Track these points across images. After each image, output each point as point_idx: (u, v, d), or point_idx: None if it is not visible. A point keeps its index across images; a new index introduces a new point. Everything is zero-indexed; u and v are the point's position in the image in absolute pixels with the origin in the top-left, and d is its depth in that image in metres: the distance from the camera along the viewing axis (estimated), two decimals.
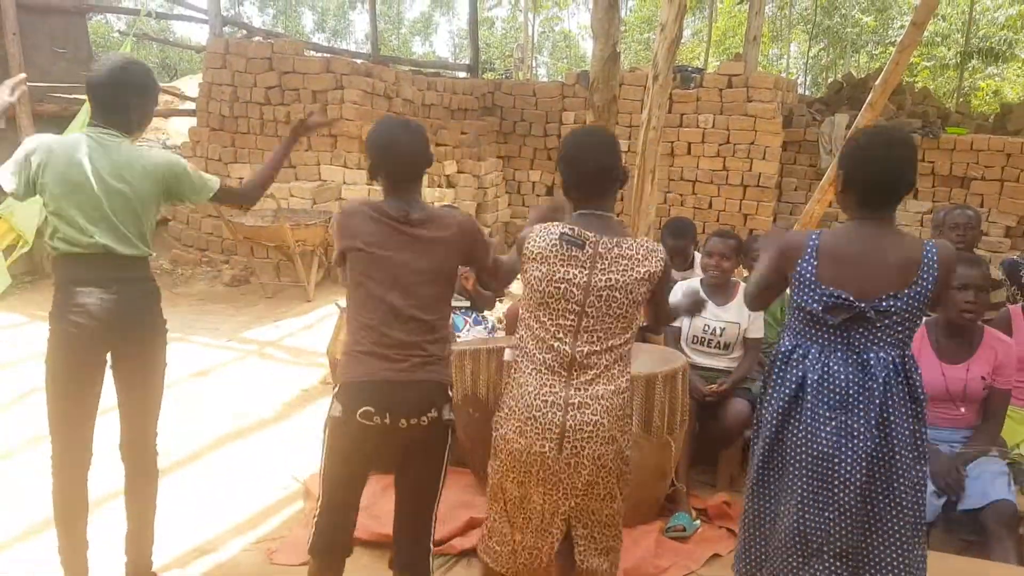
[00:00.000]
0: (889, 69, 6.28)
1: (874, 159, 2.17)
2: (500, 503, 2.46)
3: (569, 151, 2.41)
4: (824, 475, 2.19)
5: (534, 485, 2.35)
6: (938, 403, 3.23)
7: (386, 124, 2.59)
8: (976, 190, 10.13)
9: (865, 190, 2.21)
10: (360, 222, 2.43)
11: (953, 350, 3.22)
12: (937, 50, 21.85)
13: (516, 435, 2.33)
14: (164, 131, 14.21)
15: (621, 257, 2.30)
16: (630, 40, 29.20)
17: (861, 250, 2.18)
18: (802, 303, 2.19)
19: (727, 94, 10.63)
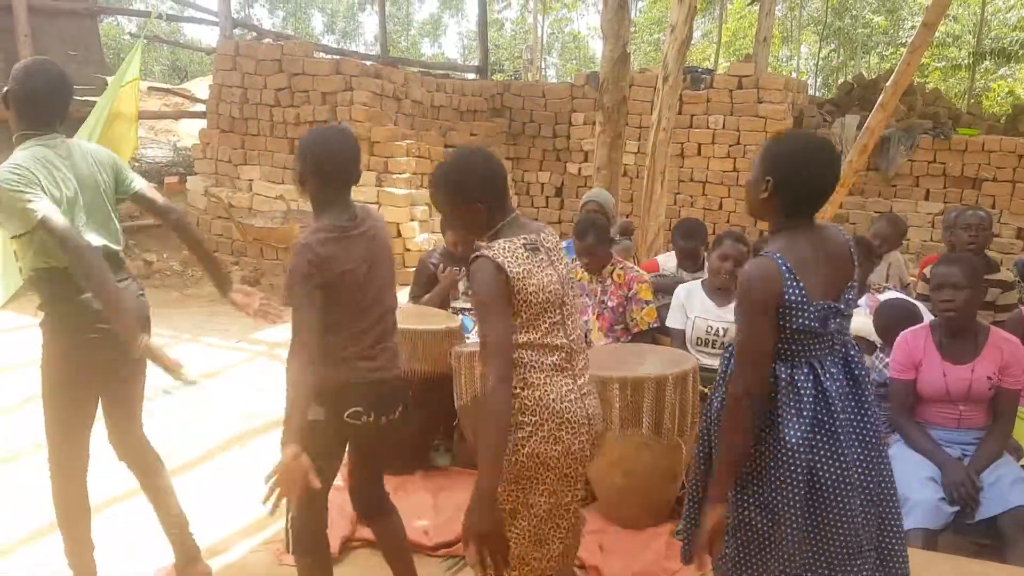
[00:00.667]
0: (900, 70, 6.26)
1: (807, 163, 2.12)
2: (517, 525, 2.32)
3: (478, 167, 2.35)
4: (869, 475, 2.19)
5: (566, 487, 2.32)
6: (937, 403, 3.22)
7: (332, 132, 2.62)
8: (988, 191, 10.08)
9: (801, 195, 2.15)
10: (333, 249, 2.46)
11: (957, 350, 3.19)
12: (948, 51, 21.75)
13: (550, 444, 2.25)
14: (175, 133, 14.26)
15: (558, 247, 2.41)
16: (640, 41, 29.17)
17: (815, 255, 2.14)
18: (800, 326, 2.11)
19: (737, 95, 10.61)
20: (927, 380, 3.20)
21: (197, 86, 15.69)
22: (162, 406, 5.11)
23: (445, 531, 3.47)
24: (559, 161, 11.80)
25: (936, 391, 3.18)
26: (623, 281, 4.24)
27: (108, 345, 2.73)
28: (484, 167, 2.34)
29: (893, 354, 3.32)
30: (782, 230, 2.17)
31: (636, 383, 3.42)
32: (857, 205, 10.77)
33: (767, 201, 2.15)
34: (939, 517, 2.98)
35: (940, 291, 3.15)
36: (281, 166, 9.61)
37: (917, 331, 3.32)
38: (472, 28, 34.94)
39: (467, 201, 2.30)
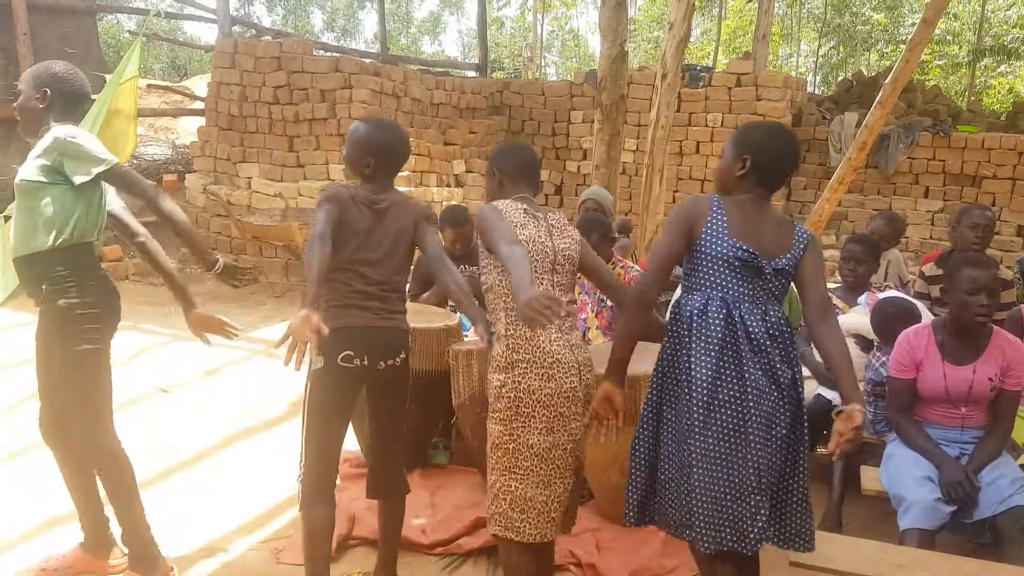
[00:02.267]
0: (900, 67, 6.26)
1: (780, 147, 2.52)
2: (521, 466, 2.52)
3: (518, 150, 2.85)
4: (767, 414, 2.38)
5: (562, 426, 2.54)
6: (938, 404, 3.20)
7: (393, 127, 2.98)
8: (987, 189, 10.07)
9: (770, 173, 2.51)
10: (349, 200, 2.76)
11: (959, 352, 3.17)
12: (949, 48, 21.72)
13: (544, 381, 2.50)
14: (174, 131, 14.26)
15: (564, 226, 2.74)
16: (639, 39, 29.14)
17: (758, 218, 2.49)
18: (717, 252, 2.42)
19: (736, 93, 10.60)
20: (927, 380, 3.17)
21: (196, 84, 15.68)
22: (160, 404, 5.11)
23: (442, 529, 3.47)
24: (558, 159, 11.79)
25: (936, 392, 3.16)
26: (623, 279, 4.23)
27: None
28: (519, 150, 2.82)
29: (894, 353, 3.29)
30: (741, 195, 2.52)
31: (633, 381, 3.41)
32: (856, 203, 10.76)
33: (742, 177, 2.50)
34: (936, 517, 2.97)
35: (978, 295, 3.05)
36: (280, 164, 9.60)
37: (919, 330, 3.29)
38: (472, 26, 34.97)
39: (489, 171, 2.79)
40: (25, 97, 2.89)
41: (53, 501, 3.56)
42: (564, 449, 2.55)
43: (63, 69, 2.94)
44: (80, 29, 10.01)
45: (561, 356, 2.53)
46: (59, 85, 2.88)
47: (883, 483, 3.25)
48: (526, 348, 2.51)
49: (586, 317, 4.27)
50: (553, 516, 2.57)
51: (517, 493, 2.52)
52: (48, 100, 2.86)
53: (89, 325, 2.86)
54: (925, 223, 10.37)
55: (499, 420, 2.54)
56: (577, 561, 3.27)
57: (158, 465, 4.19)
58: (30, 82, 2.88)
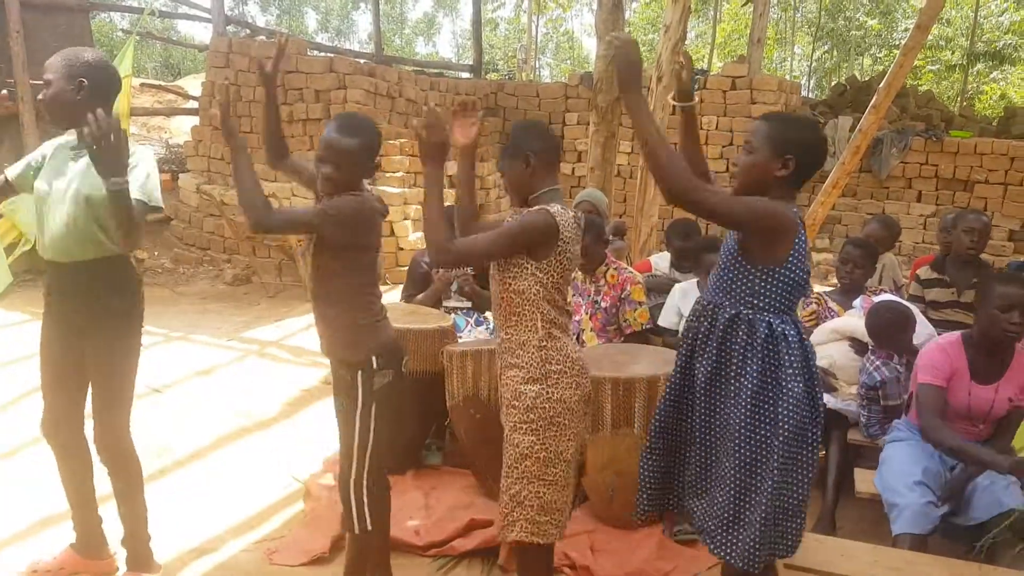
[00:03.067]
0: (893, 71, 6.27)
1: (820, 146, 2.40)
2: (551, 473, 2.52)
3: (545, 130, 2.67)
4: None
5: (583, 429, 2.62)
6: (958, 420, 3.17)
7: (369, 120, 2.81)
8: (980, 193, 10.12)
9: (808, 175, 2.36)
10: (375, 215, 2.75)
11: (985, 370, 3.13)
12: (942, 54, 21.82)
13: (573, 390, 2.52)
14: (167, 130, 14.22)
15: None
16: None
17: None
18: (799, 278, 2.32)
19: (731, 95, 10.63)
20: (952, 395, 3.14)
21: (190, 83, 15.65)
22: (153, 404, 5.09)
23: (436, 531, 3.45)
24: None
25: (959, 407, 3.14)
26: (616, 282, 4.23)
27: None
28: (548, 129, 2.67)
29: (930, 358, 3.19)
30: (784, 199, 2.32)
31: (628, 383, 3.41)
32: (849, 207, 10.80)
33: (781, 178, 2.31)
34: (927, 521, 2.97)
35: (1010, 312, 2.99)
36: None
37: (952, 342, 3.21)
38: (466, 27, 34.97)
39: (514, 153, 2.54)
40: (58, 89, 2.73)
41: (45, 501, 3.54)
42: (578, 451, 2.61)
43: (95, 57, 2.81)
44: (73, 27, 9.96)
45: (581, 363, 2.57)
46: (95, 74, 2.76)
47: (877, 487, 3.26)
48: (558, 359, 2.50)
49: (580, 319, 4.27)
50: (567, 513, 2.62)
51: (546, 499, 2.52)
52: (84, 90, 2.73)
53: (139, 325, 2.95)
54: (918, 227, 10.41)
55: (531, 431, 2.49)
56: (572, 563, 3.26)
57: (151, 465, 4.16)
58: (62, 71, 2.73)
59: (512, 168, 2.55)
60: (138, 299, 2.93)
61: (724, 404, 2.37)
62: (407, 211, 8.88)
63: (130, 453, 2.99)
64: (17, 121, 8.43)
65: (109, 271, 2.84)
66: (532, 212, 2.47)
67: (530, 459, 2.49)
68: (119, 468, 2.99)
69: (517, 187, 2.56)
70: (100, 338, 2.86)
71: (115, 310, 2.86)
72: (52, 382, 2.95)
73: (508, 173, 2.58)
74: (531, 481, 2.50)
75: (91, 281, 2.82)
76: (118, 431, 2.94)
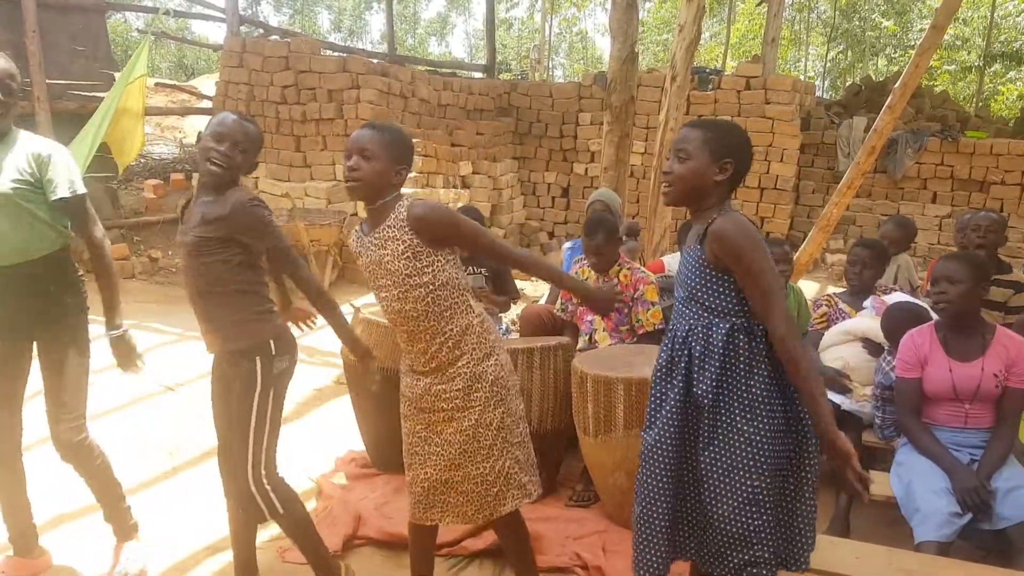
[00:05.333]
0: (909, 71, 6.23)
1: (751, 150, 2.39)
2: (516, 432, 2.61)
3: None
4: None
5: (516, 399, 2.68)
6: (943, 403, 3.19)
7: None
8: (996, 195, 10.05)
9: (743, 177, 2.36)
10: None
11: (963, 348, 3.18)
12: (958, 54, 21.68)
13: (503, 350, 2.63)
14: (181, 130, 14.29)
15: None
16: (648, 41, 29.14)
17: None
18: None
19: (745, 96, 10.58)
20: (933, 378, 3.18)
21: (203, 83, 15.71)
22: (166, 403, 5.11)
23: (446, 531, 3.44)
24: (566, 161, 11.79)
25: (943, 389, 3.16)
26: (629, 282, 4.22)
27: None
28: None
29: (899, 353, 3.31)
30: (722, 205, 2.31)
31: (641, 384, 3.40)
32: (864, 208, 10.74)
33: (720, 183, 2.29)
34: (951, 528, 2.95)
35: (936, 284, 3.18)
36: (287, 164, 9.61)
37: (922, 329, 3.32)
38: (479, 27, 34.98)
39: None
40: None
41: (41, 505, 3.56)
42: (521, 417, 2.67)
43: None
44: (89, 27, 10.02)
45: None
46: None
47: (892, 489, 3.23)
48: (491, 329, 2.60)
49: (592, 320, 4.25)
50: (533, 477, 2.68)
51: (522, 459, 2.62)
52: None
53: (87, 320, 2.99)
54: (933, 228, 10.34)
55: (499, 402, 2.55)
56: (583, 564, 3.26)
57: (164, 463, 4.19)
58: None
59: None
60: (85, 294, 2.98)
61: (732, 416, 2.27)
62: None
63: (93, 445, 3.01)
64: (33, 120, 8.48)
65: (55, 268, 2.87)
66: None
67: (504, 429, 2.56)
68: (86, 461, 2.99)
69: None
70: (59, 336, 2.87)
71: (68, 306, 2.89)
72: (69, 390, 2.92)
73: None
74: (508, 449, 2.57)
75: (39, 281, 2.83)
76: (81, 427, 2.95)
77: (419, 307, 2.47)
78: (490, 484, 2.57)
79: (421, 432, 2.61)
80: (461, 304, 2.52)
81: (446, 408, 2.54)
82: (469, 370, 2.53)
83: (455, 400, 2.53)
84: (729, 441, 2.25)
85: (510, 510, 2.62)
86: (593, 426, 3.52)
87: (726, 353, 2.26)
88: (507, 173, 10.99)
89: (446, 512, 2.65)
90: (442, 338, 2.50)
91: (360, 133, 2.48)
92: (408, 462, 2.68)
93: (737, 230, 2.19)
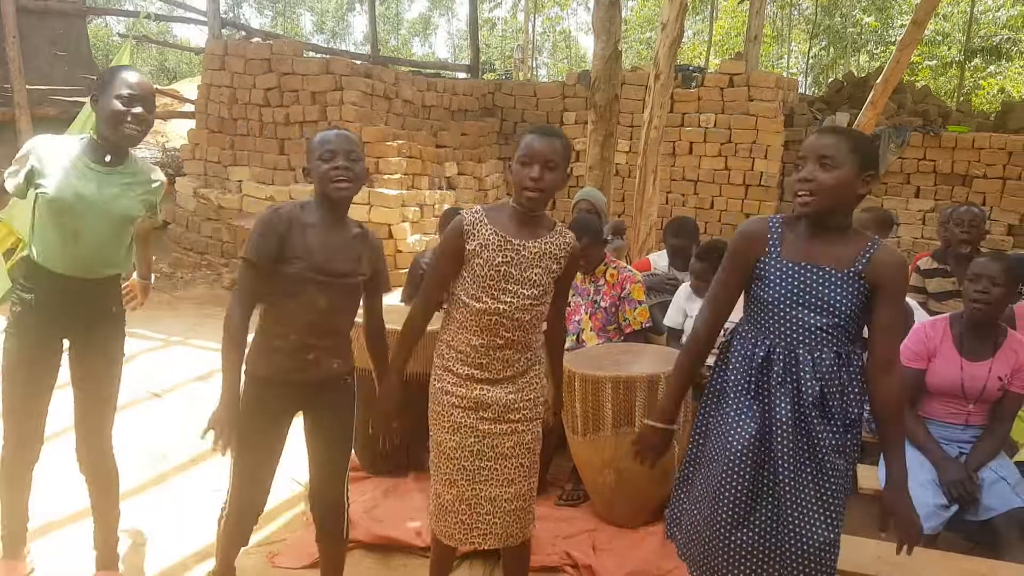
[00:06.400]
0: (890, 67, 6.27)
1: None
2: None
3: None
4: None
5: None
6: (948, 399, 3.20)
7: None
8: (978, 188, 10.10)
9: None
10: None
11: (976, 348, 3.16)
12: (938, 49, 21.81)
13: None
14: (163, 134, 14.20)
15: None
16: (631, 39, 29.16)
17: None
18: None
19: (728, 93, 10.62)
20: (941, 373, 3.17)
21: (185, 87, 15.62)
22: (152, 409, 5.08)
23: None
24: None
25: (951, 385, 3.16)
26: (616, 281, 4.22)
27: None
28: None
29: (907, 342, 3.26)
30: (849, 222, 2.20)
31: (628, 382, 3.41)
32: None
33: (860, 197, 2.16)
34: (938, 521, 2.97)
35: (977, 281, 3.07)
36: (271, 167, 9.56)
37: (936, 322, 3.29)
38: (462, 27, 34.95)
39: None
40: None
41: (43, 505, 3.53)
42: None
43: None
44: (70, 31, 9.96)
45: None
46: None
47: (881, 483, 3.25)
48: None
49: (580, 319, 4.26)
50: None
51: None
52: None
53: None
54: (916, 223, 10.40)
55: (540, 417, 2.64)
56: (574, 562, 3.26)
57: (151, 469, 4.16)
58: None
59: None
60: (125, 309, 3.04)
61: (822, 439, 2.14)
62: (405, 213, 8.87)
63: (114, 461, 3.02)
64: (13, 127, 8.42)
65: (116, 286, 2.96)
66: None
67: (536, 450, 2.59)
68: (103, 476, 2.99)
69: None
70: (100, 347, 2.88)
71: (113, 318, 2.94)
72: (29, 402, 2.86)
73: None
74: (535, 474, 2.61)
75: (103, 296, 2.88)
76: (109, 439, 2.98)
77: (536, 321, 2.51)
78: (531, 501, 2.57)
79: (474, 446, 2.51)
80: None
81: (513, 420, 2.50)
82: (540, 381, 2.56)
83: (524, 411, 2.51)
84: (822, 463, 2.14)
85: (531, 532, 2.60)
86: (582, 425, 3.52)
87: (829, 373, 2.13)
88: (492, 173, 10.98)
89: (488, 535, 2.54)
90: (530, 352, 2.54)
91: (549, 142, 2.40)
92: (449, 478, 2.55)
93: (903, 262, 2.14)
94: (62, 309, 2.81)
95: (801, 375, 2.12)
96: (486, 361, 2.48)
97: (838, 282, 2.11)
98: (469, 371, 2.50)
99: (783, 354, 2.14)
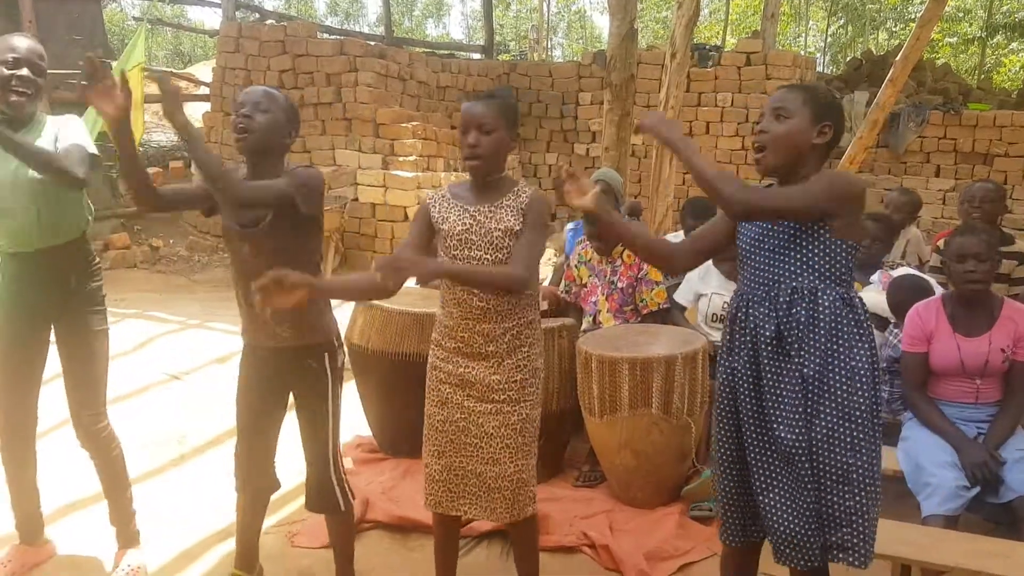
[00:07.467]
0: (910, 44, 6.18)
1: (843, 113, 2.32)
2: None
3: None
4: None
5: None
6: (952, 378, 3.17)
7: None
8: (999, 167, 9.99)
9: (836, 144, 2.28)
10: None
11: (970, 323, 3.14)
12: (959, 26, 21.50)
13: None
14: None
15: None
16: (647, 19, 28.90)
17: None
18: (857, 247, 2.25)
19: (745, 72, 10.52)
20: (940, 353, 3.16)
21: (200, 71, 15.64)
22: (171, 391, 5.12)
23: None
24: (567, 142, 11.73)
25: (951, 364, 3.14)
26: (633, 262, 4.20)
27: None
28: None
29: (905, 328, 3.28)
30: (809, 169, 2.21)
31: (645, 363, 3.40)
32: (867, 183, 10.69)
33: (817, 147, 2.19)
34: (959, 501, 2.95)
35: (964, 262, 3.06)
36: None
37: (928, 303, 3.29)
38: (477, 8, 34.71)
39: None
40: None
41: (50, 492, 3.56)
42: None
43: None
44: (85, 15, 9.98)
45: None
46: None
47: (899, 464, 3.23)
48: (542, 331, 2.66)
49: (596, 300, 4.24)
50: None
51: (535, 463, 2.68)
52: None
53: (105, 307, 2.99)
54: (936, 202, 10.30)
55: (537, 403, 2.61)
56: (591, 543, 3.27)
57: (170, 451, 4.20)
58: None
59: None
60: (102, 280, 3.00)
61: (839, 390, 2.12)
62: (421, 195, 8.86)
63: (113, 434, 3.03)
64: None
65: (76, 256, 2.88)
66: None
67: (537, 429, 2.61)
68: (105, 451, 3.00)
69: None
70: (77, 324, 2.88)
71: (87, 294, 2.90)
72: (17, 381, 2.90)
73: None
74: (535, 451, 2.61)
75: (61, 268, 2.84)
76: (103, 414, 2.98)
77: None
78: (523, 483, 2.55)
79: (460, 421, 2.55)
80: (534, 297, 2.56)
81: (498, 400, 2.51)
82: (529, 364, 2.54)
83: (509, 392, 2.51)
84: (828, 415, 2.12)
85: (532, 513, 2.60)
86: (599, 406, 3.52)
87: (832, 323, 2.12)
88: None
89: (474, 506, 2.59)
90: (509, 323, 2.50)
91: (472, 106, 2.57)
92: (438, 449, 2.59)
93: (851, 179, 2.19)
94: (29, 284, 2.82)
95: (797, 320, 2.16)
96: (467, 335, 2.52)
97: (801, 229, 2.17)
98: (455, 344, 2.56)
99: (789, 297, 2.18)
